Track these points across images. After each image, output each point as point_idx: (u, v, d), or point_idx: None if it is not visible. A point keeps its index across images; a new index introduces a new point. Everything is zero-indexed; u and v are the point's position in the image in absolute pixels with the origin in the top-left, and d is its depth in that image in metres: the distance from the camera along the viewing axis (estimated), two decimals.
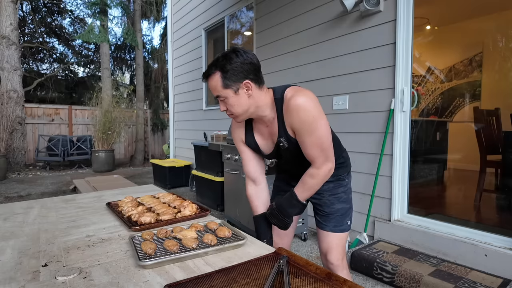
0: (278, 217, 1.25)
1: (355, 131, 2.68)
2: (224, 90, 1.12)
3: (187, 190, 4.98)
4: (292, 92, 1.14)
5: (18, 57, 7.32)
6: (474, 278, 1.80)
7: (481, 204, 3.10)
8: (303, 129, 1.12)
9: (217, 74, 1.12)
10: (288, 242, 1.49)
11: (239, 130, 1.35)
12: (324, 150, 1.15)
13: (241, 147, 1.36)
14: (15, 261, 0.94)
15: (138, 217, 1.27)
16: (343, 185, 1.36)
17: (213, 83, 1.13)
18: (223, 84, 1.12)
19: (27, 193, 4.99)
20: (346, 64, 2.75)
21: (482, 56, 4.65)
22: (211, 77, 1.13)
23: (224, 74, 1.11)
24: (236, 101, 1.14)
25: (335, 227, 1.34)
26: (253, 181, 1.37)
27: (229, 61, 1.10)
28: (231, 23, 4.62)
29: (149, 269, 0.90)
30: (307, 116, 1.11)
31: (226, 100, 1.14)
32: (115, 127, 7.49)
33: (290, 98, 1.13)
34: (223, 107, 1.18)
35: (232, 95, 1.13)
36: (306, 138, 1.14)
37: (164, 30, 11.69)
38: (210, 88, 1.16)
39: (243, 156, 1.36)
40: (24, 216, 1.42)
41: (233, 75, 1.11)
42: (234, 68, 1.11)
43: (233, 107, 1.16)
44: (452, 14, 4.59)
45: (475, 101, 4.74)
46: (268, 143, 1.29)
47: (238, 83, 1.12)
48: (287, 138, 1.20)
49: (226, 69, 1.10)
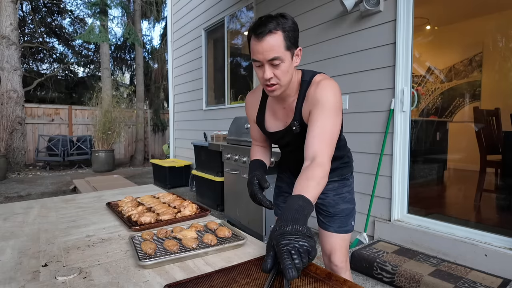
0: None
1: (355, 131, 2.68)
2: (285, 51, 1.00)
3: (187, 190, 4.98)
4: (321, 78, 1.10)
5: (18, 57, 7.32)
6: (474, 278, 1.80)
7: (481, 204, 3.10)
8: (320, 107, 1.05)
9: (279, 32, 0.98)
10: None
11: (252, 109, 1.29)
12: (327, 141, 1.02)
13: (252, 123, 1.33)
14: (15, 261, 0.94)
15: (138, 217, 1.27)
16: (348, 185, 1.35)
17: (274, 42, 0.98)
18: (286, 45, 1.00)
19: (27, 193, 4.99)
20: (346, 64, 2.75)
21: (482, 56, 4.66)
22: (272, 34, 0.98)
23: (286, 34, 0.99)
24: (289, 67, 1.04)
25: (339, 227, 1.31)
26: (259, 143, 1.36)
27: (287, 21, 1.01)
28: (231, 23, 4.62)
29: (149, 269, 0.89)
30: (326, 96, 1.05)
31: (281, 64, 1.01)
32: (115, 127, 7.49)
33: (318, 82, 1.09)
34: (270, 73, 1.02)
35: (289, 59, 1.02)
36: (318, 117, 1.04)
37: (164, 30, 11.69)
38: (265, 48, 0.98)
39: (253, 126, 1.33)
40: (24, 216, 1.42)
41: (293, 37, 1.02)
42: (294, 29, 1.02)
43: (285, 74, 1.03)
44: (452, 14, 4.60)
45: (475, 101, 4.74)
46: (278, 125, 1.22)
47: (294, 47, 1.04)
48: (301, 123, 1.13)
49: (288, 29, 1.00)
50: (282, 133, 1.21)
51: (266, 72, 1.02)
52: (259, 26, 0.99)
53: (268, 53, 0.99)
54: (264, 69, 1.02)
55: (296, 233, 0.76)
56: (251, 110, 1.30)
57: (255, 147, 1.37)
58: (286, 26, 0.99)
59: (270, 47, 0.98)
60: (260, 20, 1.01)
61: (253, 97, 1.29)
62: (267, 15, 1.02)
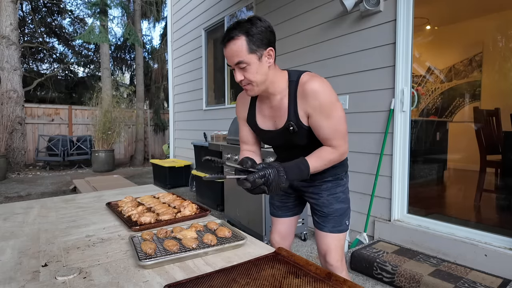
0: (275, 173, 1.04)
1: (355, 131, 2.68)
2: (249, 55, 1.06)
3: (187, 190, 4.98)
4: (308, 77, 1.14)
5: (18, 57, 7.32)
6: (474, 278, 1.80)
7: (481, 204, 3.10)
8: (321, 112, 1.11)
9: (241, 37, 1.05)
10: (288, 244, 1.48)
11: (243, 108, 1.33)
12: (342, 132, 1.15)
13: (240, 120, 1.36)
14: (15, 261, 0.94)
15: (138, 217, 1.27)
16: (342, 185, 1.35)
17: (236, 48, 1.05)
18: (249, 48, 1.05)
19: (27, 193, 4.99)
20: (346, 64, 2.75)
21: (482, 56, 4.65)
22: (233, 41, 1.05)
23: (250, 38, 1.05)
24: (258, 69, 1.09)
25: (333, 227, 1.31)
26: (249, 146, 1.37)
27: (254, 25, 1.06)
28: (231, 23, 4.62)
29: (149, 269, 0.90)
30: (324, 99, 1.11)
31: (248, 67, 1.08)
32: (115, 127, 7.49)
33: (305, 82, 1.12)
34: (240, 76, 1.10)
35: (255, 61, 1.08)
36: (324, 122, 1.13)
37: (164, 30, 11.69)
38: (229, 54, 1.08)
39: (242, 127, 1.35)
40: (24, 216, 1.42)
41: (258, 39, 1.06)
42: (260, 32, 1.06)
43: (255, 75, 1.09)
44: (452, 14, 4.60)
45: (475, 101, 4.74)
46: (267, 123, 1.27)
47: (262, 49, 1.08)
48: (297, 123, 1.17)
49: (252, 33, 1.05)
50: (276, 133, 1.24)
51: (236, 75, 1.11)
52: (225, 34, 1.08)
53: (232, 58, 1.08)
54: (236, 72, 1.11)
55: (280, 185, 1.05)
56: (241, 108, 1.35)
57: (244, 152, 1.37)
58: (250, 31, 1.05)
59: (233, 52, 1.07)
60: (228, 27, 1.09)
61: (244, 96, 1.34)
62: (236, 21, 1.10)
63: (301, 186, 1.38)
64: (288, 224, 1.47)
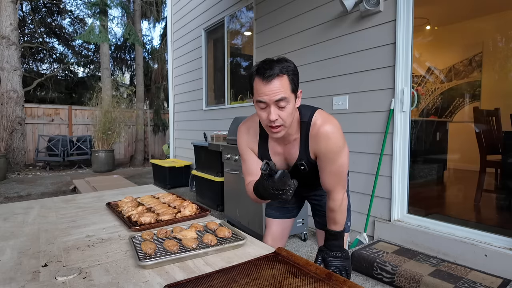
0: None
1: (355, 131, 2.68)
2: (291, 94, 1.06)
3: (187, 190, 4.98)
4: (321, 120, 1.15)
5: (18, 57, 7.32)
6: (474, 278, 1.80)
7: (481, 204, 3.10)
8: (328, 157, 1.14)
9: (285, 75, 1.04)
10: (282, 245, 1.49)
11: (251, 140, 1.26)
12: (342, 178, 1.18)
13: (247, 151, 1.28)
14: (15, 261, 0.94)
15: (138, 217, 1.27)
16: None
17: (282, 84, 1.03)
18: (291, 87, 1.06)
19: (27, 193, 4.99)
20: (346, 64, 2.75)
21: (482, 56, 4.66)
22: (279, 77, 1.03)
23: (292, 77, 1.06)
24: (293, 109, 1.09)
25: None
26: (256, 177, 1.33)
27: (292, 67, 1.07)
28: (231, 23, 4.62)
29: (149, 269, 0.90)
30: (334, 145, 1.13)
31: (287, 106, 1.05)
32: (115, 127, 7.48)
33: (320, 126, 1.13)
34: (275, 115, 1.05)
35: (293, 101, 1.08)
36: (328, 166, 1.16)
37: (164, 30, 11.69)
38: (272, 88, 1.03)
39: (249, 157, 1.27)
40: (24, 216, 1.42)
41: (296, 80, 1.08)
42: (296, 73, 1.08)
43: (289, 116, 1.07)
44: (452, 14, 4.60)
45: (475, 101, 4.74)
46: (280, 163, 1.27)
47: (297, 91, 1.10)
48: (308, 161, 1.19)
49: (293, 73, 1.06)
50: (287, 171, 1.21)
51: (272, 113, 1.04)
52: (266, 70, 1.03)
53: (276, 94, 1.03)
54: (270, 110, 1.05)
55: (339, 257, 1.24)
56: (250, 140, 1.27)
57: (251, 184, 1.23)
58: (289, 70, 1.06)
59: (277, 88, 1.03)
60: (264, 63, 1.06)
61: (250, 133, 1.27)
62: (269, 59, 1.08)
63: (305, 192, 1.41)
64: (283, 226, 1.48)
